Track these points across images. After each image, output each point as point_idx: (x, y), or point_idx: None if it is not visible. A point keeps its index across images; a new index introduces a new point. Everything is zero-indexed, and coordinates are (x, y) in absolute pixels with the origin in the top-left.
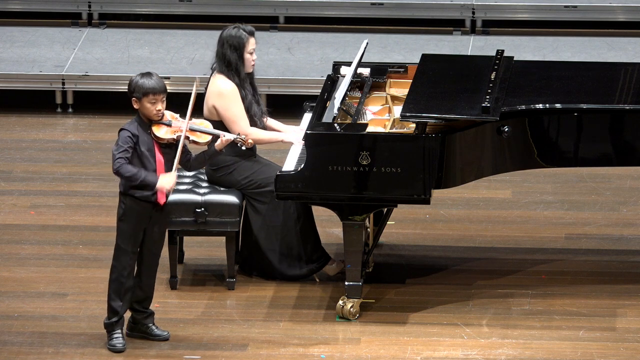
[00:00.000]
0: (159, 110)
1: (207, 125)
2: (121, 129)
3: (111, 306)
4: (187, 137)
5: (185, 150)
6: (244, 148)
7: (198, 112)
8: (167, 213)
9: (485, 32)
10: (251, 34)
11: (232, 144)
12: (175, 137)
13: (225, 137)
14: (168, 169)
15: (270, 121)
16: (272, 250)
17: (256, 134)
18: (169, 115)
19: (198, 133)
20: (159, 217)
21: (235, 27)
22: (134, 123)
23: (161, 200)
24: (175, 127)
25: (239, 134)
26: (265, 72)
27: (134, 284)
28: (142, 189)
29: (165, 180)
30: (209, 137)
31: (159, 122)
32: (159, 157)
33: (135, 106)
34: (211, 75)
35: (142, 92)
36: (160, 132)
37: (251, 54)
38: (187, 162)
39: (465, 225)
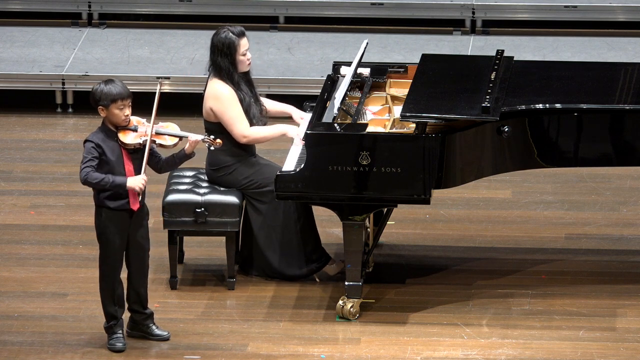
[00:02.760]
0: (127, 115)
1: (174, 128)
2: (85, 140)
3: (107, 311)
4: (153, 141)
5: (153, 152)
6: (212, 148)
7: (191, 114)
8: (145, 215)
9: (485, 32)
10: (241, 35)
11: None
12: (141, 142)
13: (192, 138)
14: (138, 174)
15: (269, 104)
16: (272, 250)
17: (257, 132)
18: (134, 120)
19: (164, 136)
20: (138, 221)
21: (225, 31)
22: (99, 133)
23: (134, 206)
24: (141, 131)
25: (205, 135)
26: (265, 72)
27: (127, 287)
28: (112, 197)
29: (134, 181)
30: (176, 139)
31: (125, 128)
32: (128, 163)
33: (102, 114)
34: (208, 77)
35: (110, 99)
36: (127, 138)
37: (244, 55)
38: (157, 164)
39: (465, 225)
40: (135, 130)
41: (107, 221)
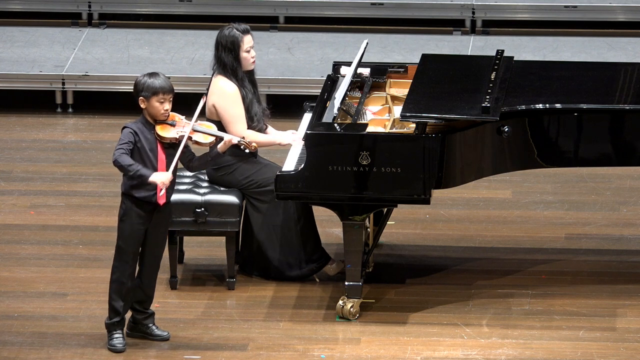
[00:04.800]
0: (167, 110)
1: (211, 127)
2: (124, 127)
3: (112, 306)
4: (189, 138)
5: (187, 150)
6: (247, 151)
7: (192, 113)
8: (168, 214)
9: (485, 32)
10: (245, 32)
11: (236, 147)
12: (178, 137)
13: (228, 138)
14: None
15: (269, 129)
16: (272, 250)
17: (253, 136)
18: (174, 115)
19: (201, 134)
20: (160, 218)
21: (229, 28)
22: (137, 123)
23: (160, 200)
24: (179, 127)
25: (242, 138)
26: (265, 72)
27: (135, 285)
28: (138, 187)
29: (159, 176)
30: (211, 139)
31: (164, 122)
32: (162, 156)
33: (142, 105)
34: (212, 75)
35: (152, 92)
36: (164, 132)
37: (248, 51)
38: (189, 163)
39: (465, 225)
40: (173, 125)
41: (129, 210)
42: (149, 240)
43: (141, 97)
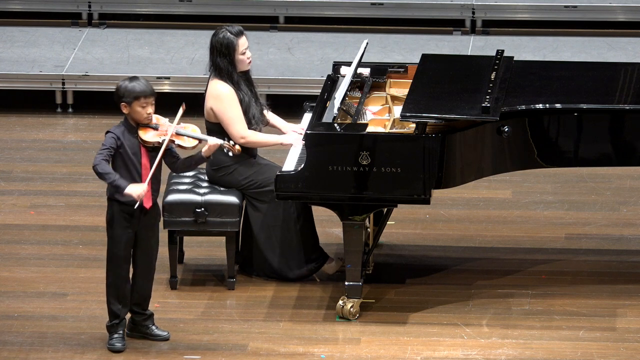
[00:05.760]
0: (149, 113)
1: (195, 130)
2: (107, 132)
3: (111, 310)
4: (172, 141)
5: (172, 152)
6: (230, 154)
7: (191, 114)
8: (156, 215)
9: (485, 32)
10: (239, 34)
11: (220, 150)
12: (160, 141)
13: (212, 142)
14: (154, 172)
15: (270, 116)
16: (272, 250)
17: (254, 137)
18: (156, 118)
19: (184, 137)
20: (148, 220)
21: (223, 31)
22: (120, 127)
23: (146, 204)
24: (161, 130)
25: (225, 140)
26: (265, 72)
27: (131, 286)
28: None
29: (134, 189)
30: (195, 142)
31: (146, 125)
32: (145, 161)
33: (125, 111)
34: (209, 78)
35: (133, 96)
36: (147, 135)
37: (244, 53)
38: (174, 164)
39: (465, 225)
40: (155, 128)
41: (116, 215)
42: (140, 242)
43: (123, 103)
